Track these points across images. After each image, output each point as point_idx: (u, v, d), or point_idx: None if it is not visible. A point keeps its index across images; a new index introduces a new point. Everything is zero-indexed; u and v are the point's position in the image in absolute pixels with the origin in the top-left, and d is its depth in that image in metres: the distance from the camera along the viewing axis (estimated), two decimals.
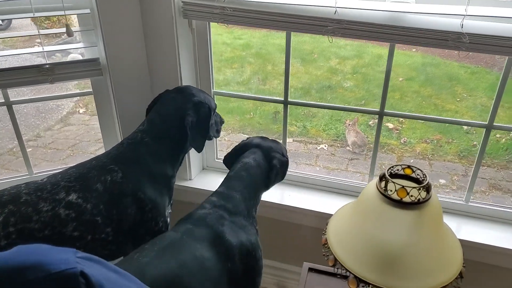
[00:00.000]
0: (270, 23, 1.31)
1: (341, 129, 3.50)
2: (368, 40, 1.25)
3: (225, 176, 1.77)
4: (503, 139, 3.27)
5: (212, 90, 1.64)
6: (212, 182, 1.73)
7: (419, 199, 0.72)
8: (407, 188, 0.70)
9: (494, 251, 1.35)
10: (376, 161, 1.56)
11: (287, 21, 1.29)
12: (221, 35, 5.02)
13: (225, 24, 1.36)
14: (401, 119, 3.54)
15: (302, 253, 1.70)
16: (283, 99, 1.59)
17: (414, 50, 4.59)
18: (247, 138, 1.35)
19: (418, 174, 0.76)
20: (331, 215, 1.49)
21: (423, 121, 3.50)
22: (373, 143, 1.53)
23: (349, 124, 3.32)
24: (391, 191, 0.73)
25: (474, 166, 1.45)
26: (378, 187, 0.74)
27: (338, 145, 3.38)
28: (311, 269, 1.17)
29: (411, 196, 0.71)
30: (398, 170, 0.78)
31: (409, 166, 0.77)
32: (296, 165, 3.10)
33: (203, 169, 1.82)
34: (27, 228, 1.05)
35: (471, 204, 1.48)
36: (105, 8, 1.35)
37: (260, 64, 4.48)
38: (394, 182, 0.72)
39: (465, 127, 3.44)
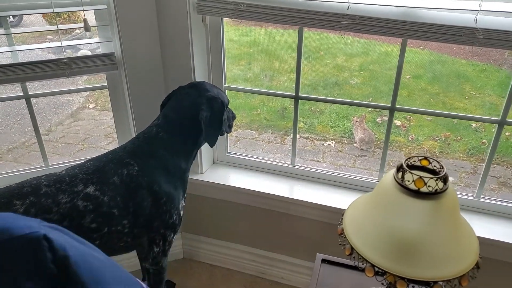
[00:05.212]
0: (283, 19, 1.33)
1: (348, 126, 3.50)
2: (381, 35, 1.26)
3: (235, 169, 1.80)
4: None
5: (224, 85, 1.66)
6: (223, 175, 1.75)
7: (436, 190, 0.73)
8: (424, 178, 0.72)
9: (506, 247, 1.35)
10: (386, 156, 1.57)
11: (300, 16, 1.30)
12: (227, 32, 5.01)
13: (239, 20, 1.37)
14: (409, 116, 3.53)
15: (310, 247, 1.72)
16: (293, 94, 1.60)
17: (421, 47, 4.57)
18: None
19: (434, 166, 0.78)
20: (341, 209, 1.52)
21: (431, 119, 3.49)
22: (384, 138, 1.54)
23: (356, 121, 3.32)
24: (408, 181, 0.74)
25: (485, 162, 1.45)
26: (396, 178, 0.76)
27: (346, 141, 3.39)
28: (324, 261, 1.19)
29: (429, 186, 0.73)
30: (415, 161, 0.79)
31: (426, 158, 0.78)
32: (303, 161, 3.11)
33: (213, 163, 1.84)
34: (47, 219, 1.05)
35: (482, 200, 1.49)
36: (121, 3, 1.37)
37: (267, 61, 4.48)
38: (411, 173, 0.73)
39: (473, 124, 3.42)
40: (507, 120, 1.36)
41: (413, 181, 0.73)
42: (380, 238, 0.74)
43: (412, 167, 0.78)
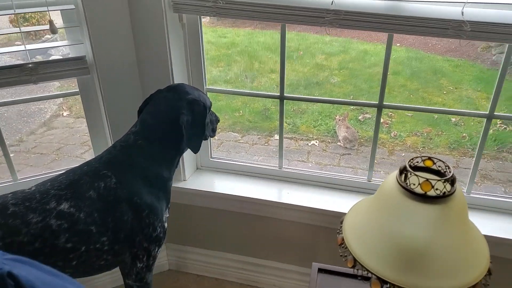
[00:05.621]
0: (265, 16, 1.27)
1: (331, 125, 3.49)
2: (366, 30, 1.22)
3: (220, 175, 1.73)
4: (491, 130, 3.31)
5: (204, 87, 1.59)
6: (208, 182, 1.68)
7: (444, 192, 0.68)
8: (431, 181, 0.66)
9: (499, 242, 1.33)
10: (375, 154, 1.54)
11: (283, 13, 1.25)
12: (205, 33, 4.95)
13: (218, 18, 1.31)
14: (391, 113, 3.55)
15: (301, 251, 1.66)
16: (278, 94, 1.55)
17: (398, 44, 4.62)
18: None
19: (439, 166, 0.73)
20: (332, 211, 1.47)
21: (411, 114, 3.52)
22: (368, 136, 1.50)
23: (339, 120, 3.31)
24: (414, 184, 0.69)
25: (475, 156, 1.44)
26: (399, 181, 0.70)
27: (329, 140, 3.37)
28: (320, 270, 1.12)
29: (436, 189, 0.68)
30: (418, 162, 0.74)
31: (429, 158, 0.73)
32: (289, 162, 3.06)
33: (197, 169, 1.77)
34: (16, 242, 1.00)
35: (473, 195, 1.47)
36: (90, 3, 1.28)
37: (247, 62, 4.43)
38: (417, 175, 0.68)
39: (453, 119, 3.47)
40: (495, 113, 1.35)
41: (419, 184, 0.67)
42: (385, 247, 0.68)
43: (414, 168, 0.73)
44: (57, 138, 3.40)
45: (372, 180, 1.57)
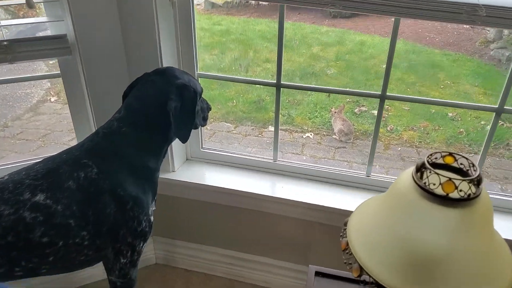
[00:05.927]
0: None
1: (326, 117, 3.42)
2: (372, 13, 1.13)
3: (211, 166, 1.65)
4: (488, 126, 3.27)
5: (196, 72, 1.49)
6: (198, 173, 1.60)
7: (469, 195, 0.60)
8: (455, 181, 0.58)
9: None
10: (375, 148, 1.46)
11: None
12: (198, 21, 4.82)
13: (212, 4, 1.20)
14: (387, 106, 3.49)
15: (295, 247, 1.60)
16: (275, 81, 1.46)
17: None
18: None
19: (461, 163, 0.64)
20: (328, 207, 1.40)
21: (408, 108, 3.48)
22: (363, 129, 1.43)
23: (335, 112, 3.24)
24: (433, 184, 0.60)
25: (481, 153, 1.38)
26: (416, 180, 0.62)
27: (324, 133, 3.30)
28: (318, 273, 1.04)
29: (460, 191, 0.59)
30: (436, 158, 0.65)
31: (451, 153, 0.64)
32: (282, 154, 2.99)
33: (187, 159, 1.68)
34: None
35: None
36: None
37: (242, 51, 4.33)
38: (438, 174, 0.59)
39: (450, 114, 3.43)
40: (505, 108, 1.27)
41: (440, 184, 0.59)
42: (397, 255, 0.60)
43: (432, 165, 0.65)
44: (44, 124, 3.30)
45: (371, 175, 1.50)
